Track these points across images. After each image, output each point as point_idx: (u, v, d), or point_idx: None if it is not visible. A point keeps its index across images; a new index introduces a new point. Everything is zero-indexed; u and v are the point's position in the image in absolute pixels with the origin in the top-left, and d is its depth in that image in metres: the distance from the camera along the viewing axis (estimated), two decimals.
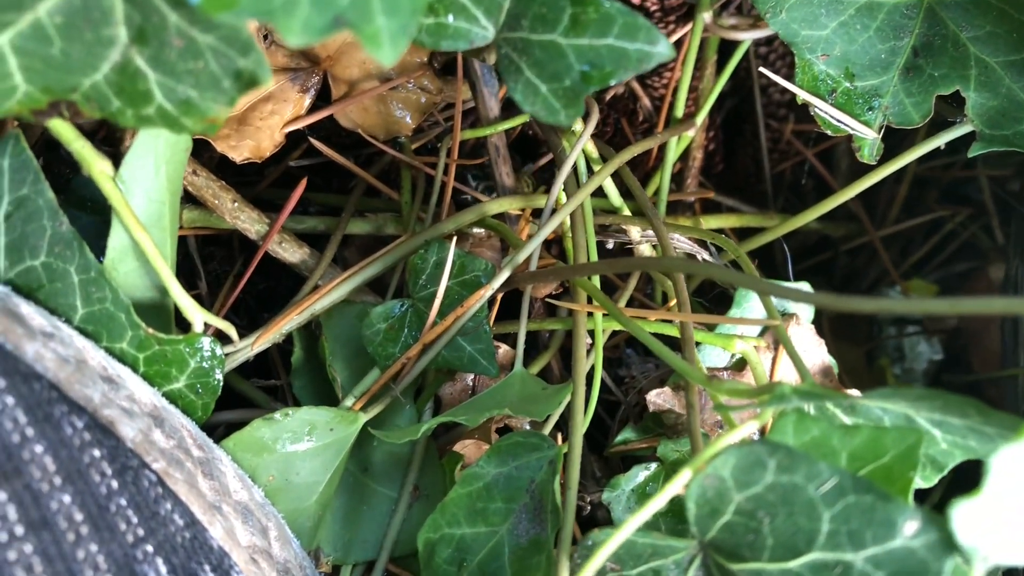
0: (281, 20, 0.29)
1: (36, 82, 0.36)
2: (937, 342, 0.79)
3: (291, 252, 0.52)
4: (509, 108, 0.60)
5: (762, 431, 0.44)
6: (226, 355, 0.48)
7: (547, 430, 0.50)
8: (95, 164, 0.41)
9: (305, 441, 0.47)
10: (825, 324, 0.76)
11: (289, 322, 0.49)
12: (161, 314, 0.45)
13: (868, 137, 0.51)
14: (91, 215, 0.49)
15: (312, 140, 0.57)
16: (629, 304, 0.66)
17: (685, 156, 0.67)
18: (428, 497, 0.51)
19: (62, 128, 0.40)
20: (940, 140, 0.53)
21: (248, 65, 0.36)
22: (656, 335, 0.52)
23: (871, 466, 0.33)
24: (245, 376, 0.54)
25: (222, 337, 0.47)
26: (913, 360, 0.79)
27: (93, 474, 0.34)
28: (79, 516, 0.33)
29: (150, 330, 0.42)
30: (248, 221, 0.51)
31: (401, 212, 0.56)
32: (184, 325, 0.43)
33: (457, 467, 0.51)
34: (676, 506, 0.52)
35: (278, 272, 0.57)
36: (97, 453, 0.35)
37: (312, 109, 0.54)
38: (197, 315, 0.43)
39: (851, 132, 0.51)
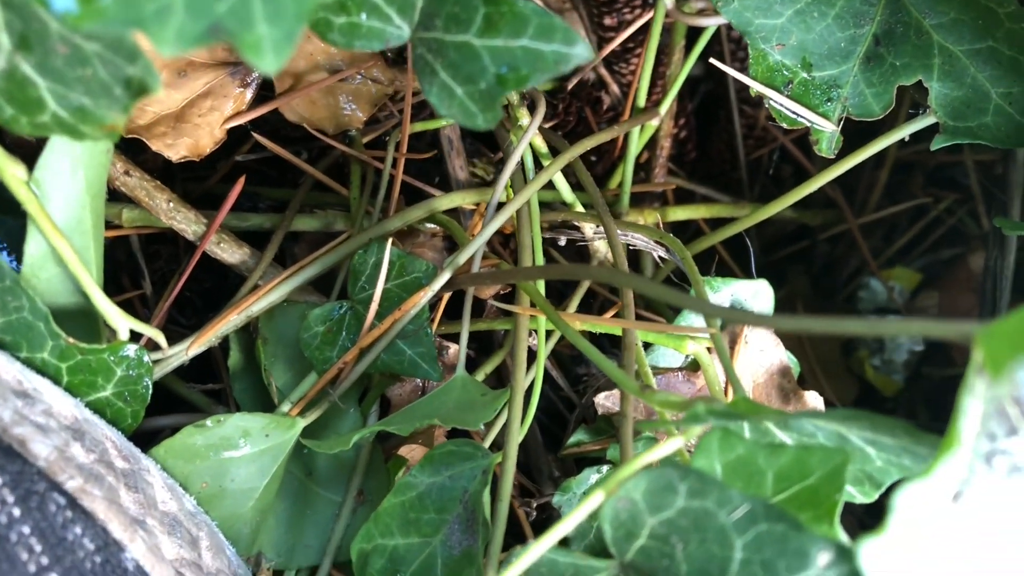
0: (153, 29, 0.28)
1: None
2: None
3: (230, 252, 0.51)
4: None
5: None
6: (158, 360, 0.47)
7: (492, 436, 0.49)
8: (6, 168, 0.40)
9: (240, 447, 0.46)
10: (800, 312, 0.74)
11: (225, 324, 0.48)
12: (89, 321, 0.44)
13: (826, 130, 0.49)
14: (19, 218, 0.47)
15: (256, 136, 0.55)
16: (591, 297, 0.65)
17: (652, 145, 0.65)
18: (373, 502, 0.50)
19: None
20: (904, 132, 0.51)
21: (137, 72, 0.34)
22: (616, 337, 0.51)
23: (797, 487, 0.32)
24: (186, 379, 0.53)
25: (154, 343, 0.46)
26: (893, 351, 0.77)
27: None
28: None
29: (71, 340, 0.41)
30: (184, 221, 0.50)
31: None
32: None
33: (401, 471, 0.50)
34: None
35: (225, 270, 0.56)
36: None
37: (256, 103, 0.53)
38: (122, 322, 0.42)
39: (809, 125, 0.49)
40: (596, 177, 0.64)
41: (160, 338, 0.44)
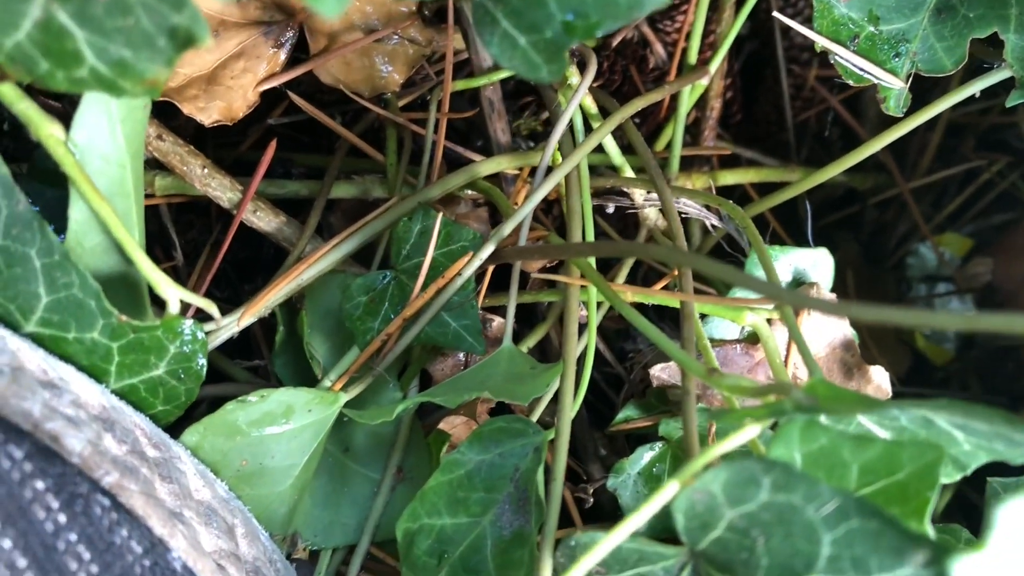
0: None
1: None
2: (970, 300, 0.74)
3: (266, 221, 0.49)
4: None
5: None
6: (208, 333, 0.45)
7: (539, 412, 0.47)
8: (43, 127, 0.37)
9: (281, 424, 0.44)
10: (851, 282, 0.72)
11: (276, 295, 0.46)
12: (134, 292, 0.42)
13: (895, 87, 0.46)
14: (58, 188, 0.45)
15: (292, 96, 0.53)
16: (637, 265, 0.62)
17: (702, 105, 0.62)
18: (412, 480, 0.48)
19: (4, 88, 0.37)
20: (975, 87, 0.48)
21: (183, 21, 0.32)
22: (663, 307, 0.48)
23: (884, 481, 0.29)
24: (227, 354, 0.51)
25: (202, 315, 0.44)
26: None
27: (37, 510, 0.31)
28: (22, 562, 0.30)
29: (123, 317, 0.38)
30: (220, 188, 0.48)
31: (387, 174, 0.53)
32: (160, 301, 0.40)
33: (444, 447, 0.48)
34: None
35: (259, 240, 0.54)
36: (41, 485, 0.31)
37: (289, 65, 0.51)
38: (172, 292, 0.39)
39: (876, 82, 0.46)
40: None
41: (213, 309, 0.42)
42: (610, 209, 0.52)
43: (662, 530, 0.42)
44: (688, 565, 0.33)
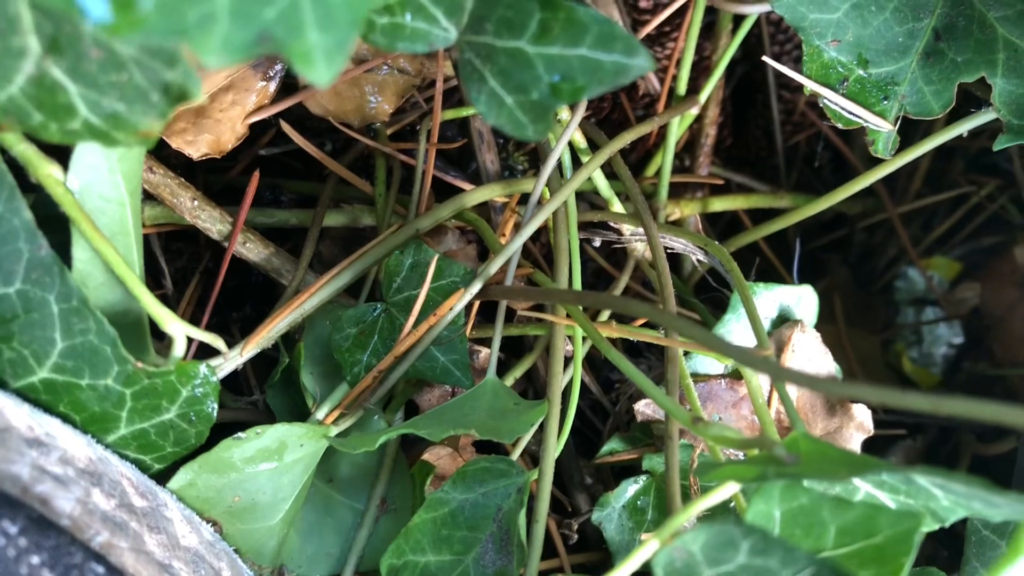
0: (197, 39, 0.25)
1: None
2: (958, 325, 0.74)
3: (256, 252, 0.49)
4: None
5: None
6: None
7: (523, 444, 0.47)
8: (42, 168, 0.37)
9: (274, 460, 0.44)
10: (838, 309, 0.72)
11: (277, 326, 0.46)
12: (134, 326, 0.42)
13: (883, 129, 0.47)
14: (56, 233, 0.45)
15: (283, 125, 0.53)
16: (624, 293, 0.62)
17: (696, 132, 0.62)
18: (396, 510, 0.49)
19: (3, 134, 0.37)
20: (962, 127, 0.48)
21: (176, 78, 0.32)
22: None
23: (861, 543, 0.30)
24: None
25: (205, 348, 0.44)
26: (932, 344, 0.75)
27: None
28: None
29: (139, 364, 0.38)
30: (209, 220, 0.48)
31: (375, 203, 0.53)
32: (159, 332, 0.40)
33: (428, 478, 0.48)
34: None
35: (247, 268, 0.54)
36: (36, 560, 0.31)
37: (279, 95, 0.51)
38: (178, 329, 0.39)
39: (864, 124, 0.47)
40: (630, 166, 0.61)
41: (220, 344, 0.42)
42: (596, 243, 0.53)
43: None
44: None
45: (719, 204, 0.63)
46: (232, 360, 0.45)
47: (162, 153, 0.50)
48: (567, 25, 0.31)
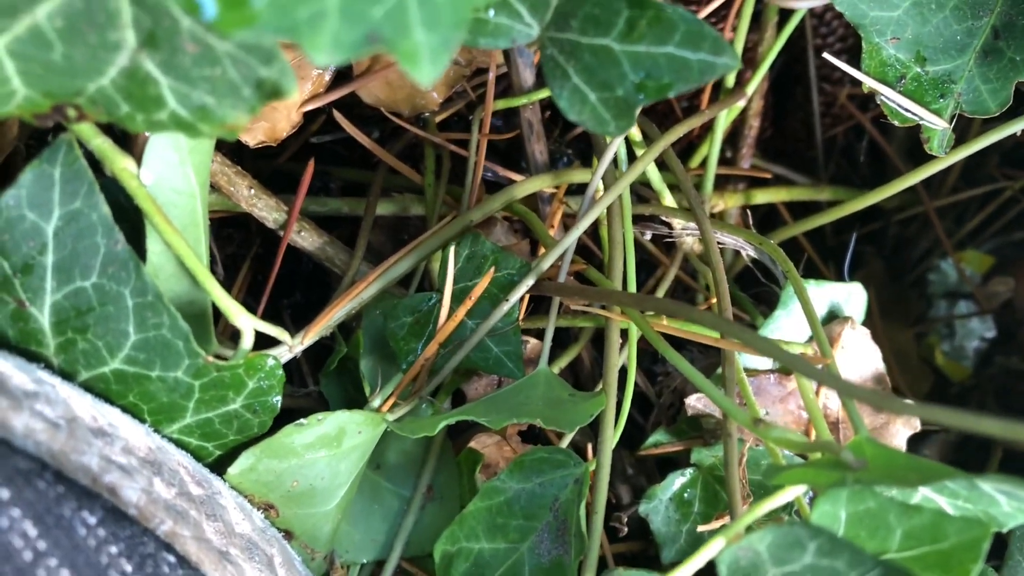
0: (307, 37, 0.26)
1: (36, 86, 0.33)
2: (991, 320, 0.75)
3: (310, 241, 0.49)
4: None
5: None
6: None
7: (571, 435, 0.48)
8: (117, 161, 0.38)
9: (333, 447, 0.45)
10: (873, 303, 0.72)
11: (335, 315, 0.46)
12: (200, 318, 0.42)
13: (938, 127, 0.47)
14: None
15: (337, 116, 0.53)
16: (673, 286, 0.63)
17: (739, 123, 0.63)
18: (442, 499, 0.49)
19: (81, 125, 0.37)
20: (1016, 127, 0.48)
21: (271, 75, 0.33)
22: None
23: (927, 548, 0.30)
24: None
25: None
26: (964, 337, 0.75)
27: None
28: None
29: (210, 358, 0.39)
30: (265, 209, 0.48)
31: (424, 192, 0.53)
32: (216, 319, 0.40)
33: (477, 467, 0.48)
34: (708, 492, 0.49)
35: (297, 254, 0.54)
36: (114, 550, 0.32)
37: (333, 84, 0.51)
38: (246, 322, 0.40)
39: (920, 122, 0.47)
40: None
41: (285, 336, 0.42)
42: (647, 236, 0.53)
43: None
44: None
45: (761, 196, 0.63)
46: (292, 349, 0.46)
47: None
48: (654, 23, 0.31)
